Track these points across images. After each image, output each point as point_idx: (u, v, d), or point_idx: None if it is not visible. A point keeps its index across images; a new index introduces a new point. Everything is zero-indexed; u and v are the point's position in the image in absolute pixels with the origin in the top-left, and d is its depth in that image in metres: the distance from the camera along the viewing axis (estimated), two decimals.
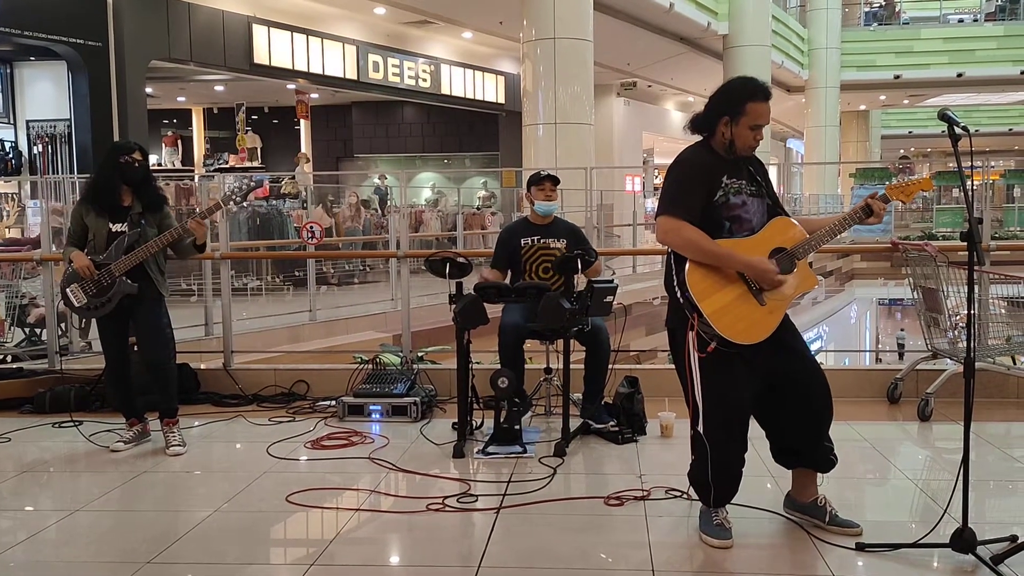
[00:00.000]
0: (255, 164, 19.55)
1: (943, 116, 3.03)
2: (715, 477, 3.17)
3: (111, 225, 4.45)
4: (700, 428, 3.14)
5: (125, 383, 4.65)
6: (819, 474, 3.36)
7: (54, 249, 6.40)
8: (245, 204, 10.49)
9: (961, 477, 2.93)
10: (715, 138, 3.17)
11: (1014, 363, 5.26)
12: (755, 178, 3.22)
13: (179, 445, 4.49)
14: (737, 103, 3.10)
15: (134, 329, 4.59)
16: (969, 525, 2.90)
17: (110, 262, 4.40)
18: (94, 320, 4.85)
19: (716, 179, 3.11)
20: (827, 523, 3.27)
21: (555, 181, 5.05)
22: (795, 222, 3.21)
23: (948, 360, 5.09)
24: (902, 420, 5.00)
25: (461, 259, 4.64)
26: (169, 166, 20.09)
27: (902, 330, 25.00)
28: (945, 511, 3.09)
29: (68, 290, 4.46)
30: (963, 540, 2.90)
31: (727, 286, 3.07)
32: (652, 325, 12.43)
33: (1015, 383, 5.28)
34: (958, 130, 2.98)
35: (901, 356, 19.26)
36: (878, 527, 3.34)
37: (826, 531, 3.24)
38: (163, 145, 20.54)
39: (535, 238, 5.01)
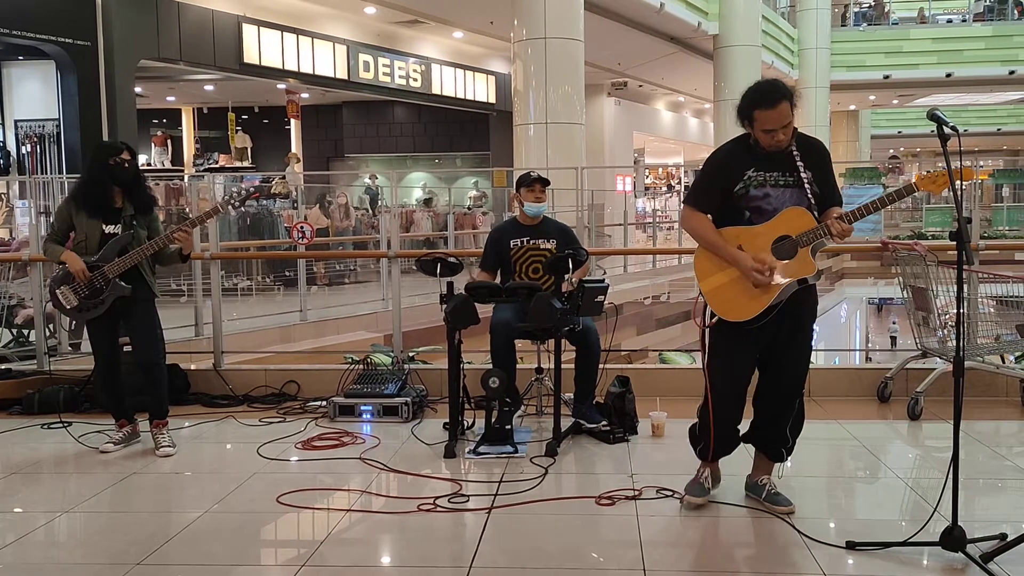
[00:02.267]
0: (245, 164, 19.49)
1: (932, 116, 3.05)
2: (716, 427, 3.44)
3: (104, 227, 4.41)
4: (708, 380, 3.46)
5: (116, 384, 4.62)
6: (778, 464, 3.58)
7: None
8: (243, 208, 10.47)
9: (951, 476, 2.94)
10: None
11: (1003, 362, 5.29)
12: (796, 169, 3.31)
13: (169, 446, 4.46)
14: (747, 111, 3.30)
15: (125, 330, 4.55)
16: (959, 523, 2.92)
17: (103, 264, 4.35)
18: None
19: (739, 172, 3.33)
20: (762, 499, 3.51)
21: (545, 183, 5.04)
22: (807, 211, 3.30)
23: (938, 359, 5.11)
24: (892, 419, 5.02)
25: (452, 259, 4.64)
26: (159, 166, 20.02)
27: (894, 323, 25.09)
28: (935, 510, 3.09)
29: (58, 291, 4.39)
30: (953, 538, 2.91)
31: (724, 269, 3.36)
32: (643, 325, 12.46)
33: (1004, 381, 5.31)
34: (947, 130, 3.00)
35: (894, 345, 19.47)
36: (868, 526, 3.35)
37: (816, 530, 3.25)
38: (153, 145, 20.45)
39: (525, 239, 5.01)
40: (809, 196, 3.30)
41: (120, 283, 4.37)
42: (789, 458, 3.59)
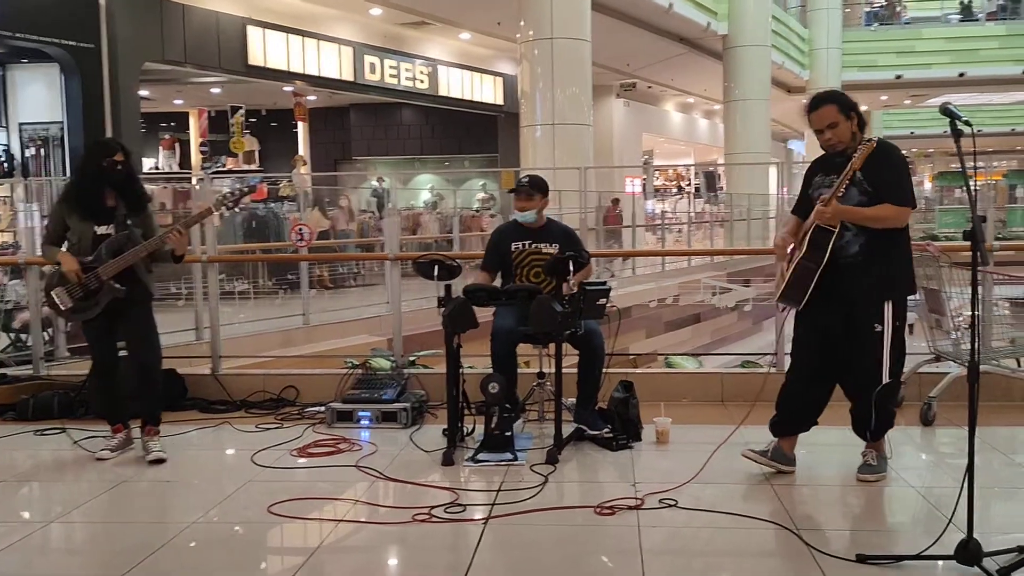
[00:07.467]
0: (253, 167, 19.46)
1: (945, 111, 2.95)
2: (781, 398, 3.93)
3: (96, 228, 4.33)
4: None
5: (112, 388, 4.52)
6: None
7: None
8: (238, 209, 10.38)
9: (966, 485, 2.81)
10: None
11: (1019, 365, 5.15)
12: (841, 171, 3.64)
13: (160, 451, 4.35)
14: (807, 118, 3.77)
15: (121, 332, 4.47)
16: (974, 535, 2.79)
17: (97, 265, 4.26)
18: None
19: (811, 179, 3.89)
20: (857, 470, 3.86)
21: (529, 191, 4.85)
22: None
23: (951, 363, 4.98)
24: (904, 425, 4.85)
25: (450, 261, 4.53)
26: (167, 169, 19.99)
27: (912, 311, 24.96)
28: (950, 521, 2.97)
29: (53, 293, 4.32)
30: (968, 552, 2.78)
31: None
32: (651, 328, 12.35)
33: (1020, 386, 5.16)
34: (960, 125, 2.88)
35: (911, 331, 19.50)
36: (880, 537, 3.25)
37: (825, 542, 3.13)
38: (160, 148, 20.43)
39: (526, 242, 4.88)
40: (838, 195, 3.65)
41: (114, 285, 4.27)
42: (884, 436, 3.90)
